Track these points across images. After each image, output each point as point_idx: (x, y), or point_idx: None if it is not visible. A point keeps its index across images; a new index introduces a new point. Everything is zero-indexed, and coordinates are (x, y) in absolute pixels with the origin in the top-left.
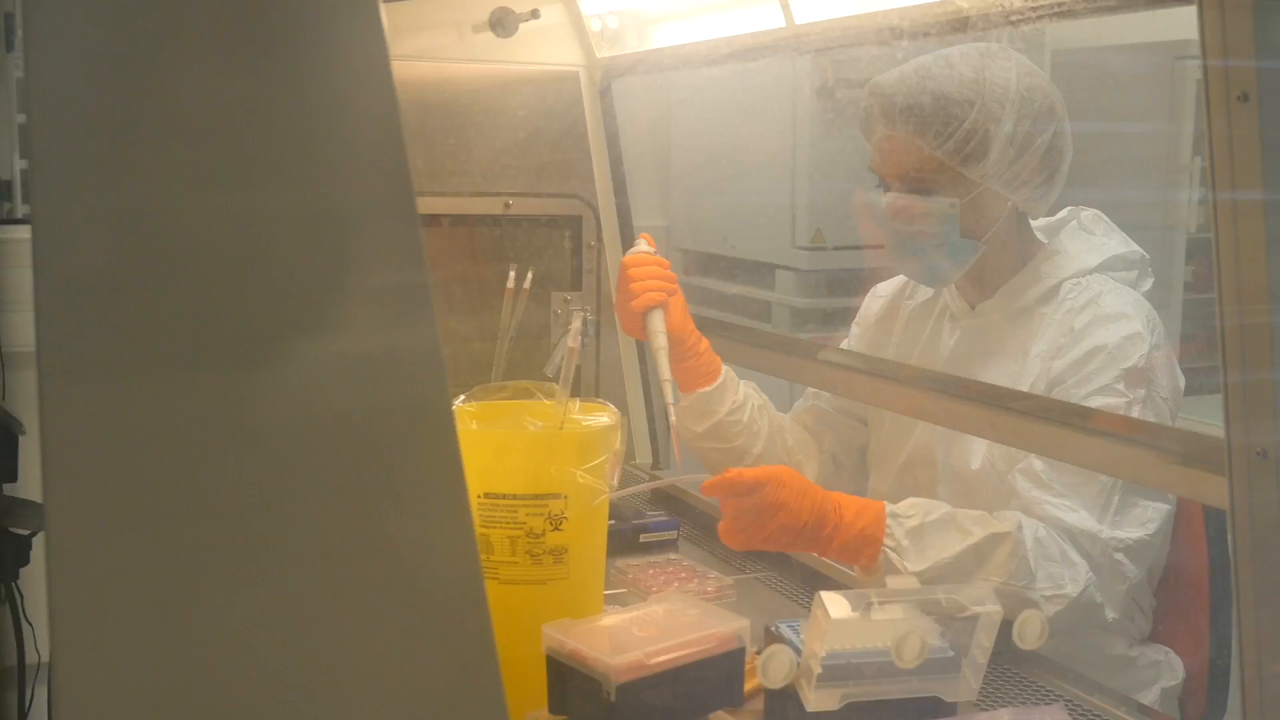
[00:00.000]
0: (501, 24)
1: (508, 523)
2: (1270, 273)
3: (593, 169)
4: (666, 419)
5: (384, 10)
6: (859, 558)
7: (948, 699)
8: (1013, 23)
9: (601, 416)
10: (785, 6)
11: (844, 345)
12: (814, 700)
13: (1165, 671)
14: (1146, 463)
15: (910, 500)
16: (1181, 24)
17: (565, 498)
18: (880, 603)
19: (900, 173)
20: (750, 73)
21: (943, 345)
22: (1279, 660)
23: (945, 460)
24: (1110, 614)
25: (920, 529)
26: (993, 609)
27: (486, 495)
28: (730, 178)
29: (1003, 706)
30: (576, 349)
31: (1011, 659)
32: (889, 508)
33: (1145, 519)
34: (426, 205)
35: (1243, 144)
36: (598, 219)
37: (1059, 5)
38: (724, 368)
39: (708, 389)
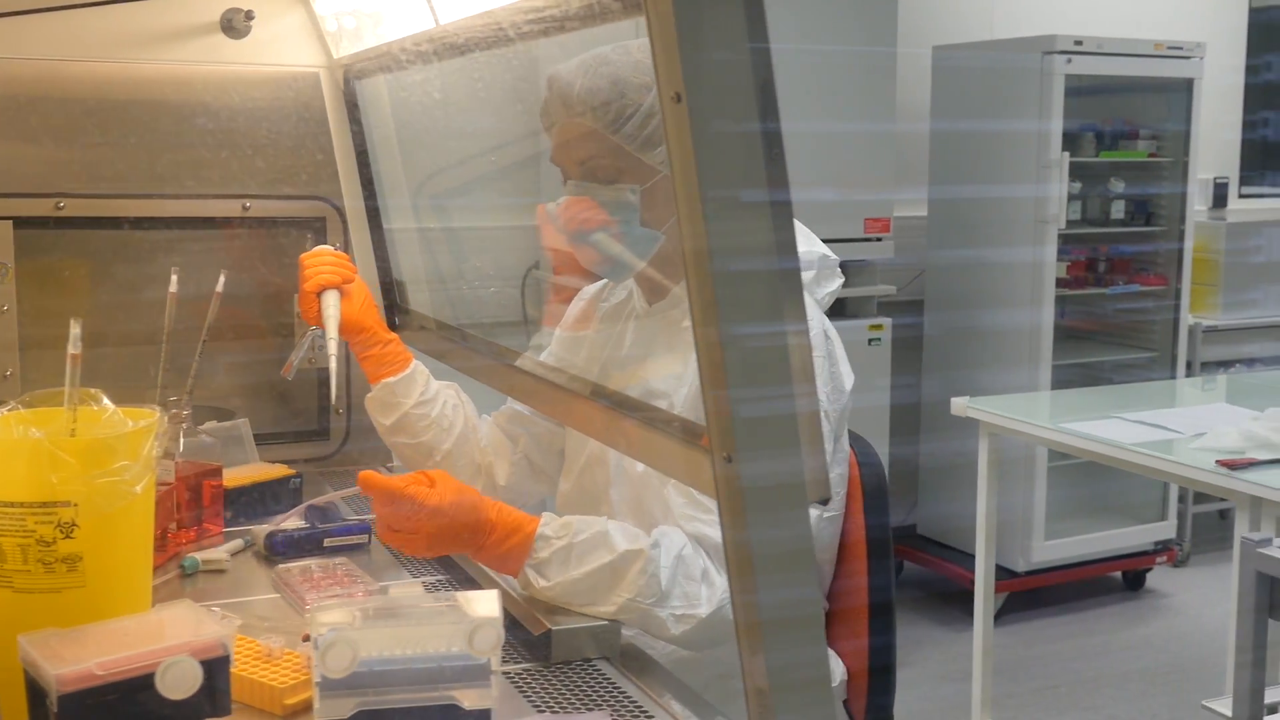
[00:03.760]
0: (231, 25)
1: (17, 531)
2: (714, 281)
3: (337, 170)
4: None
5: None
6: (506, 567)
7: (467, 706)
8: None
9: (138, 422)
10: (430, 6)
11: (547, 350)
12: (322, 710)
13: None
14: (685, 461)
15: (567, 519)
16: (1049, 19)
17: (75, 505)
18: (371, 611)
19: (579, 159)
20: None
21: (624, 345)
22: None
23: (617, 463)
24: None
25: (568, 549)
26: (485, 617)
27: None
28: None
29: (544, 713)
30: (79, 356)
31: (627, 667)
32: (540, 529)
33: None
34: (161, 208)
35: (682, 146)
36: (344, 220)
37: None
38: (415, 362)
39: (393, 379)
